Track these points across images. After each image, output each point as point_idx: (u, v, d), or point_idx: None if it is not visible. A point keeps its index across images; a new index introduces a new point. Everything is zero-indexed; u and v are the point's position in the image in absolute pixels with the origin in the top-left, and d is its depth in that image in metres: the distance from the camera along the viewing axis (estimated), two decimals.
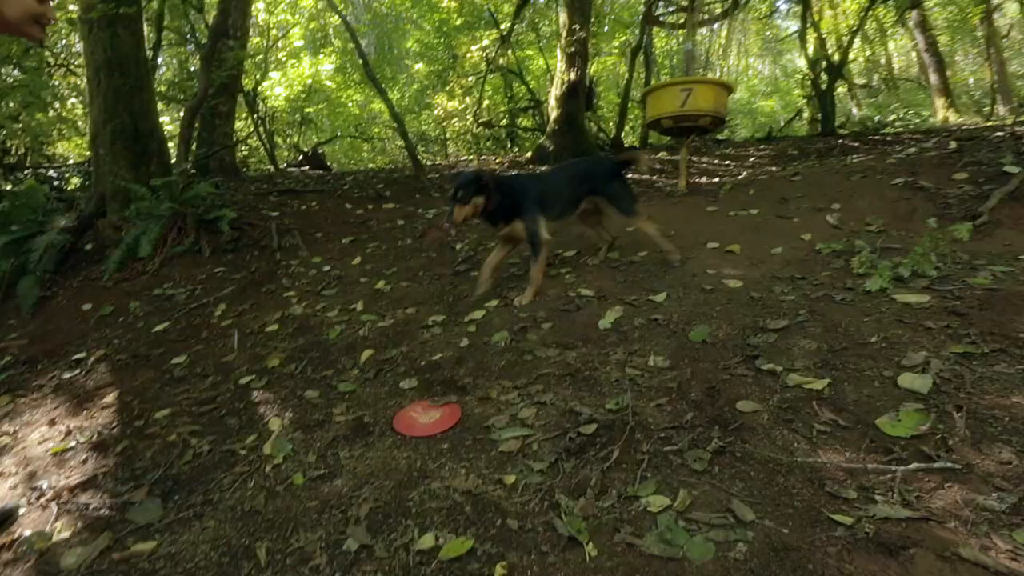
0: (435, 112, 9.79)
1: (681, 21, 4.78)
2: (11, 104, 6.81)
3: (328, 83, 10.34)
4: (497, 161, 7.33)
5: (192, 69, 8.76)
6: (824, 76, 8.50)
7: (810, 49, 9.42)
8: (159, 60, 7.70)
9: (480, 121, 8.97)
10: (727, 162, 6.29)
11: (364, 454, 1.65)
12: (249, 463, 1.71)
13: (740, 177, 4.79)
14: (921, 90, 11.25)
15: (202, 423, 2.02)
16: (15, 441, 2.14)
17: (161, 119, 4.95)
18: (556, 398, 1.79)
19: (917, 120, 9.87)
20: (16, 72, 7.25)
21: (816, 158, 5.47)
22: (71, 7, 7.00)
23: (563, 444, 1.53)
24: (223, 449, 1.82)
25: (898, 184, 3.14)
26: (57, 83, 8.13)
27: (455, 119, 9.28)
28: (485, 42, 8.24)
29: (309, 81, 9.63)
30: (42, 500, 1.70)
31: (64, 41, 8.14)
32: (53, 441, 2.09)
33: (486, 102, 9.62)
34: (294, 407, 2.01)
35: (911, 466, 1.26)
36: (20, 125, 7.21)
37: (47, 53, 7.29)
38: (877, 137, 6.99)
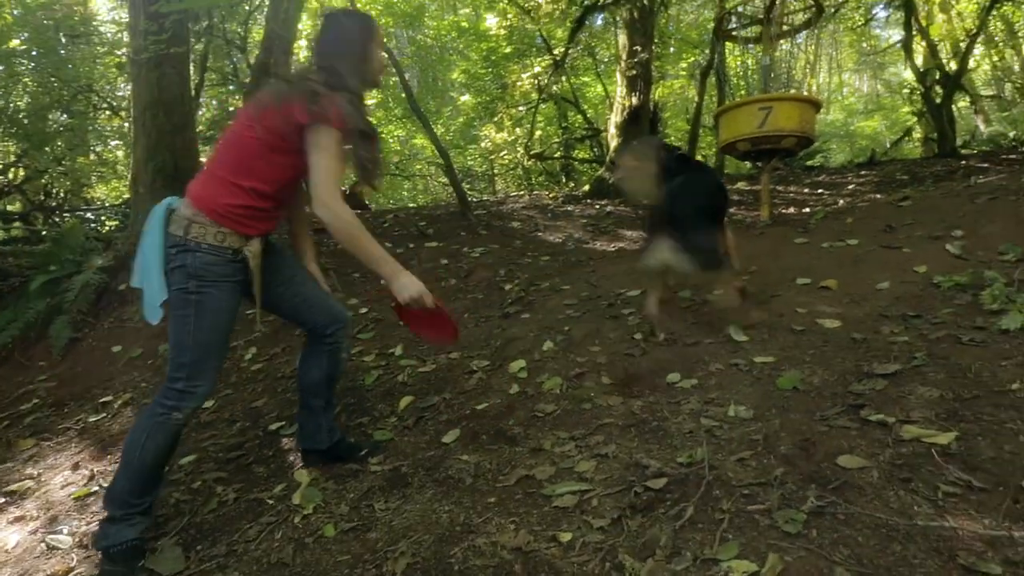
0: (482, 145, 10.28)
1: (757, 35, 4.91)
2: (56, 147, 7.82)
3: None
4: (551, 196, 7.56)
5: (231, 109, 9.76)
6: (938, 89, 8.33)
7: (919, 59, 9.30)
8: (200, 100, 8.66)
9: (531, 153, 9.34)
10: (819, 191, 6.20)
11: (401, 507, 1.71)
12: (277, 513, 1.80)
13: (836, 206, 4.70)
14: None
15: (228, 470, 2.15)
16: (38, 485, 2.35)
17: (201, 159, 5.52)
18: (619, 450, 1.80)
19: None
20: (63, 117, 8.38)
21: (932, 182, 5.30)
22: (119, 52, 8.08)
23: (627, 500, 1.53)
24: (249, 498, 1.93)
25: None
26: (101, 126, 9.28)
27: (504, 152, 9.70)
28: (537, 69, 8.71)
29: None
30: (62, 547, 1.85)
31: (110, 85, 9.34)
32: (76, 485, 2.28)
33: (538, 133, 10.03)
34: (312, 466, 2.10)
35: None
36: (63, 168, 8.23)
37: (94, 96, 8.38)
38: (1014, 156, 6.69)
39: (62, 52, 7.18)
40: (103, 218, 8.16)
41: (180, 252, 1.60)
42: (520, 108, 9.60)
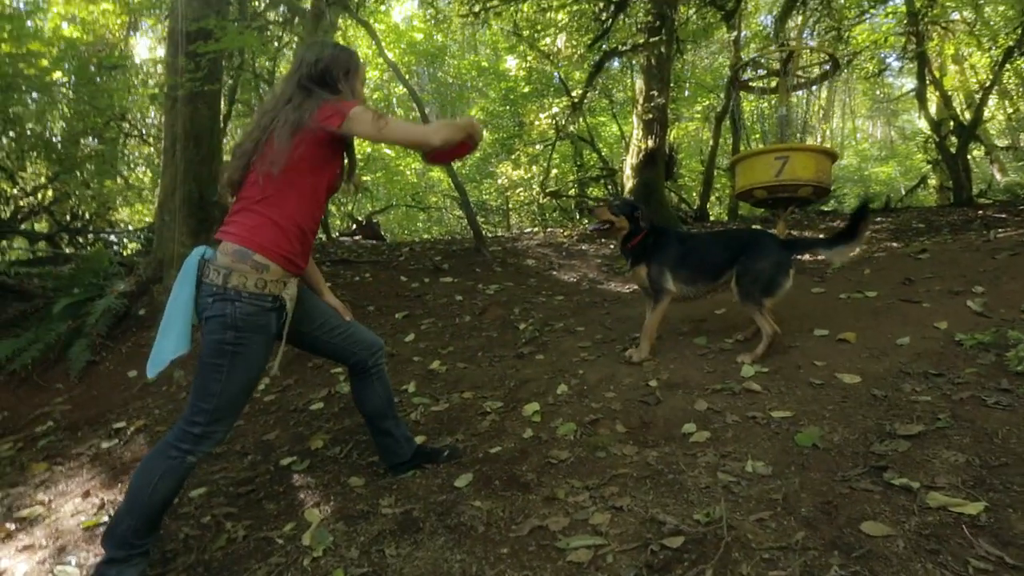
0: (499, 181, 10.44)
1: (773, 85, 5.00)
2: (86, 171, 8.06)
3: (388, 151, 11.42)
4: (565, 234, 7.62)
5: None
6: (953, 139, 8.37)
7: (932, 109, 9.39)
8: (227, 129, 8.93)
9: (547, 191, 9.46)
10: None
11: (412, 553, 1.68)
12: (286, 553, 1.78)
13: (852, 254, 4.69)
14: None
15: (238, 505, 2.14)
16: (48, 512, 2.34)
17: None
18: (634, 503, 1.76)
19: None
20: (94, 142, 8.67)
21: (949, 232, 5.28)
22: (151, 83, 8.39)
23: (644, 558, 1.49)
24: (259, 536, 1.91)
25: None
26: (129, 152, 9.57)
27: (520, 189, 9.84)
28: (555, 109, 8.90)
29: (369, 149, 10.69)
30: None
31: (141, 114, 9.67)
32: (86, 514, 2.27)
33: (554, 171, 10.18)
34: (337, 495, 2.09)
35: None
36: (91, 192, 8.46)
37: (125, 124, 8.67)
38: None
39: (98, 80, 7.46)
40: (125, 240, 8.34)
41: (218, 301, 1.60)
42: (537, 146, 9.78)
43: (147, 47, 9.79)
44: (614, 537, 1.61)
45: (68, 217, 8.66)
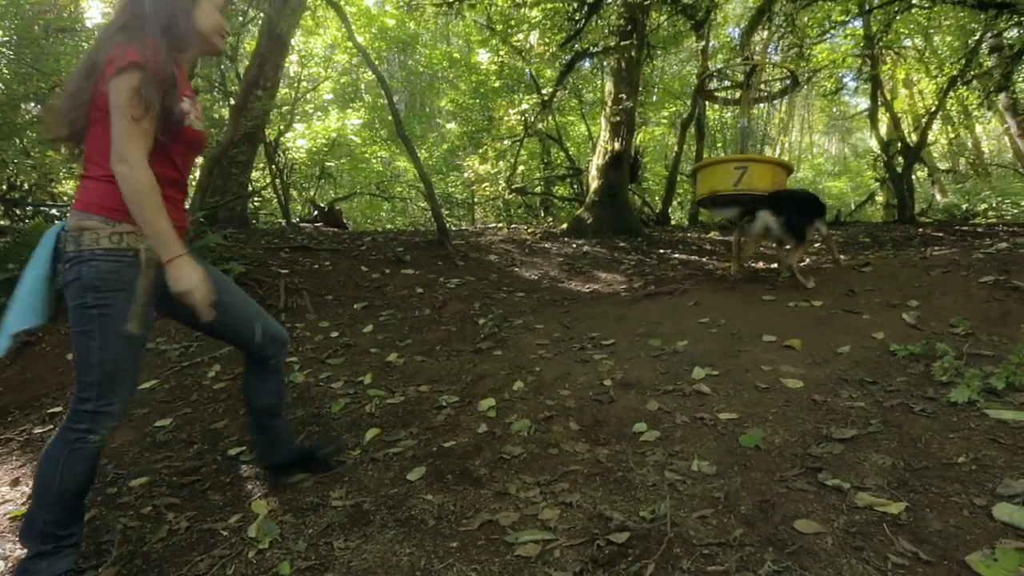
0: (465, 175, 10.40)
1: (736, 97, 5.16)
2: (26, 138, 7.59)
3: (354, 138, 11.21)
4: (529, 231, 7.66)
5: (215, 116, 9.69)
6: (900, 159, 8.82)
7: (882, 129, 9.86)
8: None
9: (513, 187, 9.48)
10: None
11: (361, 546, 1.68)
12: (231, 546, 1.75)
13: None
14: (1018, 177, 11.46)
15: (182, 496, 2.08)
16: None
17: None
18: (583, 499, 1.81)
19: (1015, 211, 9.98)
20: (37, 108, 8.16)
21: (892, 247, 5.57)
22: None
23: (590, 552, 1.53)
24: (203, 528, 1.87)
25: (987, 283, 3.18)
26: None
27: (486, 183, 9.83)
28: (524, 106, 8.92)
29: (334, 135, 10.47)
30: None
31: None
32: (14, 504, 2.17)
33: (520, 167, 10.21)
34: (286, 486, 2.06)
35: None
36: (32, 161, 7.98)
37: None
38: (966, 228, 7.11)
39: (43, 42, 7.03)
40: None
41: (73, 265, 1.48)
42: (505, 142, 9.78)
43: (100, 12, 9.30)
44: (562, 532, 1.65)
45: (5, 187, 8.16)
